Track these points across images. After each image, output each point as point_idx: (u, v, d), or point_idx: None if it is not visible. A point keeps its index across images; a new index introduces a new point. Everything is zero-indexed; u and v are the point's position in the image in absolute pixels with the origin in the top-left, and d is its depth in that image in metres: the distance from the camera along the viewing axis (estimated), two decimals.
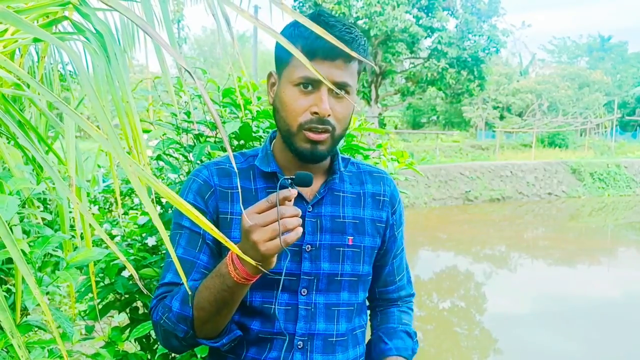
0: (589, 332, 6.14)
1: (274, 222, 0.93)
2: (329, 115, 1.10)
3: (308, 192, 1.21)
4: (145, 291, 0.88)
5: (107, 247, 1.39)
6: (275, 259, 0.98)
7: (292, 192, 0.95)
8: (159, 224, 0.73)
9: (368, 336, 1.38)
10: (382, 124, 26.11)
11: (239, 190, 1.19)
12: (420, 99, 30.51)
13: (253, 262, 0.92)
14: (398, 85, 23.61)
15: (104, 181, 3.89)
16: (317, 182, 1.23)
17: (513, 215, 16.15)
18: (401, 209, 1.36)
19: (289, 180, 1.03)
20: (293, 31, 1.12)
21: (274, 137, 1.27)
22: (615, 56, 51.50)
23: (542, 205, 17.87)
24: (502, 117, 34.73)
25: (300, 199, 1.19)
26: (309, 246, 1.19)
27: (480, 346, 5.95)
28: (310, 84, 1.10)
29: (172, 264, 1.18)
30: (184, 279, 0.84)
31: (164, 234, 0.73)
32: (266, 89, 1.24)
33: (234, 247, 0.85)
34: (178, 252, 1.17)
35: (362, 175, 1.31)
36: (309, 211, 1.20)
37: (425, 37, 21.11)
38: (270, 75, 1.20)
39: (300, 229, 0.95)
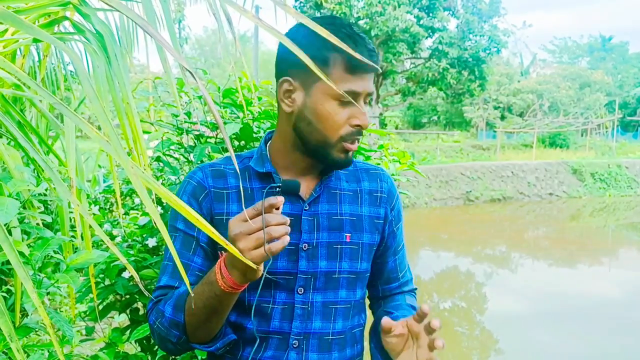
0: (590, 332, 6.13)
1: (260, 231, 0.93)
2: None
3: (304, 191, 1.21)
4: (146, 293, 0.88)
5: (107, 249, 1.38)
6: (262, 267, 0.97)
7: (279, 199, 0.94)
8: (161, 226, 0.72)
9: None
10: (382, 124, 26.11)
11: (241, 189, 1.18)
12: (421, 99, 30.48)
13: (250, 264, 0.91)
14: (399, 86, 23.59)
15: (104, 181, 3.89)
16: (313, 181, 1.23)
17: (514, 216, 16.14)
18: (399, 205, 1.36)
19: (276, 189, 1.03)
20: (330, 43, 1.11)
21: (268, 139, 1.26)
22: (617, 56, 51.44)
23: (543, 205, 17.85)
24: (503, 117, 34.69)
25: (296, 198, 1.19)
26: (306, 245, 1.18)
27: (481, 346, 5.95)
28: (351, 97, 1.11)
29: (168, 266, 1.18)
30: (186, 281, 0.83)
31: (166, 235, 0.73)
32: (273, 92, 1.24)
33: (230, 247, 0.85)
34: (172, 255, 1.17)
35: (358, 172, 1.31)
36: (305, 209, 1.19)
37: (426, 37, 21.07)
38: (285, 81, 1.14)
39: (288, 238, 0.94)
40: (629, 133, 36.51)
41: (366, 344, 1.34)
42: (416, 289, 1.45)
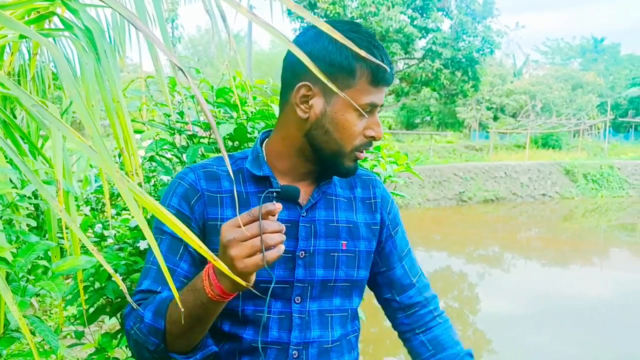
0: (582, 333, 6.13)
1: (255, 238, 0.88)
2: None
3: (302, 197, 1.17)
4: (131, 301, 0.83)
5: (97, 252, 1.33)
6: (254, 277, 0.92)
7: (277, 206, 0.90)
8: (147, 232, 0.68)
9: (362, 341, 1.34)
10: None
11: (235, 194, 1.14)
12: (415, 99, 30.52)
13: (233, 276, 0.86)
14: (392, 86, 23.61)
15: (96, 181, 3.84)
16: (310, 186, 1.20)
17: (507, 216, 16.17)
18: (395, 210, 1.33)
19: (274, 194, 0.99)
20: (357, 53, 1.08)
21: (263, 139, 1.22)
22: (608, 58, 51.66)
23: (535, 206, 17.90)
24: (496, 118, 34.75)
25: (294, 204, 1.16)
26: (303, 252, 1.15)
27: (474, 346, 5.89)
28: (370, 108, 1.11)
29: (151, 270, 1.12)
30: (172, 285, 0.78)
31: (152, 240, 0.69)
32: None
33: (219, 263, 0.80)
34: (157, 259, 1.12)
35: (351, 178, 1.28)
36: (302, 216, 1.16)
37: (420, 38, 21.10)
38: (303, 86, 1.10)
39: (283, 247, 0.90)
40: (621, 134, 36.71)
41: (360, 346, 1.31)
42: (436, 295, 1.38)
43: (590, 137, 31.96)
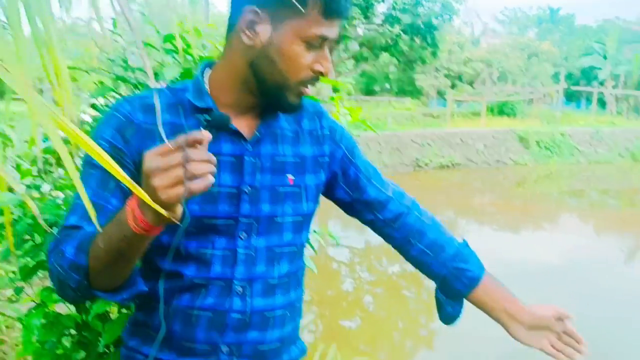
0: (531, 296, 6.31)
1: (179, 167, 0.82)
2: None
3: (247, 131, 1.12)
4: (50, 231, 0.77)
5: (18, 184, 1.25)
6: (180, 209, 0.86)
7: (204, 134, 0.84)
8: (69, 165, 0.62)
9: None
10: (335, 90, 26.04)
11: (159, 124, 1.06)
12: (374, 65, 30.48)
13: (156, 207, 0.81)
14: (352, 52, 23.49)
15: (44, 141, 3.70)
16: (254, 120, 1.15)
17: (462, 182, 16.45)
18: (347, 137, 1.29)
19: (204, 120, 0.92)
20: None
21: (204, 70, 1.15)
22: (564, 28, 52.63)
23: (490, 172, 18.24)
24: (453, 86, 35.05)
25: (239, 138, 1.11)
26: (249, 187, 1.11)
27: (427, 309, 6.04)
28: (320, 42, 1.05)
29: (78, 206, 1.05)
30: (93, 218, 0.71)
31: (75, 176, 0.63)
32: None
33: (143, 194, 0.74)
34: (87, 194, 1.05)
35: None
36: (248, 150, 1.11)
37: (380, 2, 20.95)
38: (251, 11, 1.03)
39: (211, 178, 0.84)
40: (573, 103, 37.63)
41: (313, 284, 1.29)
42: (414, 199, 1.39)
43: (544, 106, 32.64)
